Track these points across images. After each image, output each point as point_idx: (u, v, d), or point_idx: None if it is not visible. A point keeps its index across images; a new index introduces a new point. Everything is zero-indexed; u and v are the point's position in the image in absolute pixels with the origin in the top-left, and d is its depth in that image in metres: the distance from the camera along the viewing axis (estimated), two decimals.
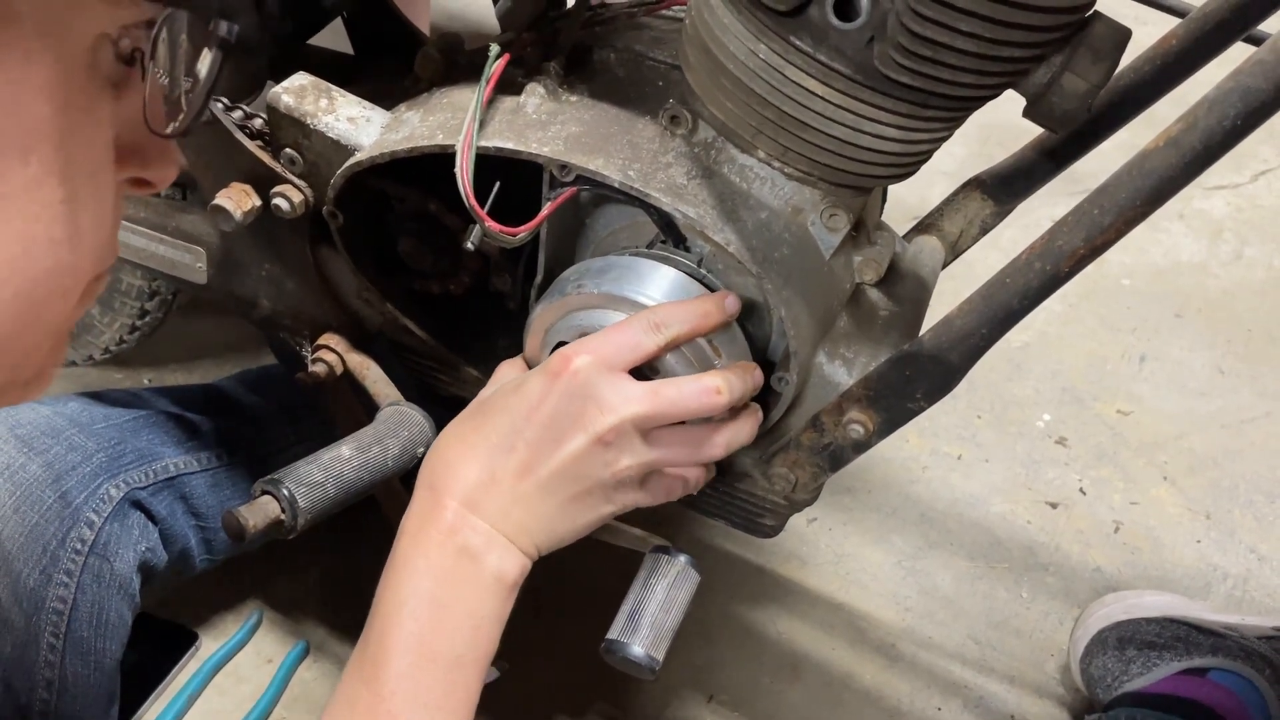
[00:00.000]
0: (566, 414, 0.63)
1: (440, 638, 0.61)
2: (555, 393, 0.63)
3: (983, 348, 0.65)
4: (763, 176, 0.69)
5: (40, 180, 0.37)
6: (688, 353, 0.68)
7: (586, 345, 0.64)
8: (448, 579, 0.62)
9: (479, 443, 0.64)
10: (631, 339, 0.64)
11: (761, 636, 1.11)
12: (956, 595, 1.15)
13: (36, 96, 0.36)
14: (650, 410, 0.64)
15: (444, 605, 0.62)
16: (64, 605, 0.81)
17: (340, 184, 0.75)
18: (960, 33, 0.56)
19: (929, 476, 1.27)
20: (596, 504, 0.66)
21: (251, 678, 1.05)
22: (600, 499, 0.65)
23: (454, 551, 0.62)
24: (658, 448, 0.66)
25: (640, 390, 0.64)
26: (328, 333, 0.85)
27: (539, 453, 0.63)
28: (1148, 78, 0.71)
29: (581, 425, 0.62)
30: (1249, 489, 1.27)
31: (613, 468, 0.64)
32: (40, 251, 0.38)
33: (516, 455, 0.63)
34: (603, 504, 0.66)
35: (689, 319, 0.66)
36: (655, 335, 0.64)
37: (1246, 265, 1.58)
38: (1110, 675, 0.99)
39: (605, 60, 0.75)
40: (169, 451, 0.91)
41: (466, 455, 0.64)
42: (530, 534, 0.64)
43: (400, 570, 0.63)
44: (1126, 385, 1.39)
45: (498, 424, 0.64)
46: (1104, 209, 0.58)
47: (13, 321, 0.38)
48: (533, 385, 0.64)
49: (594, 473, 0.64)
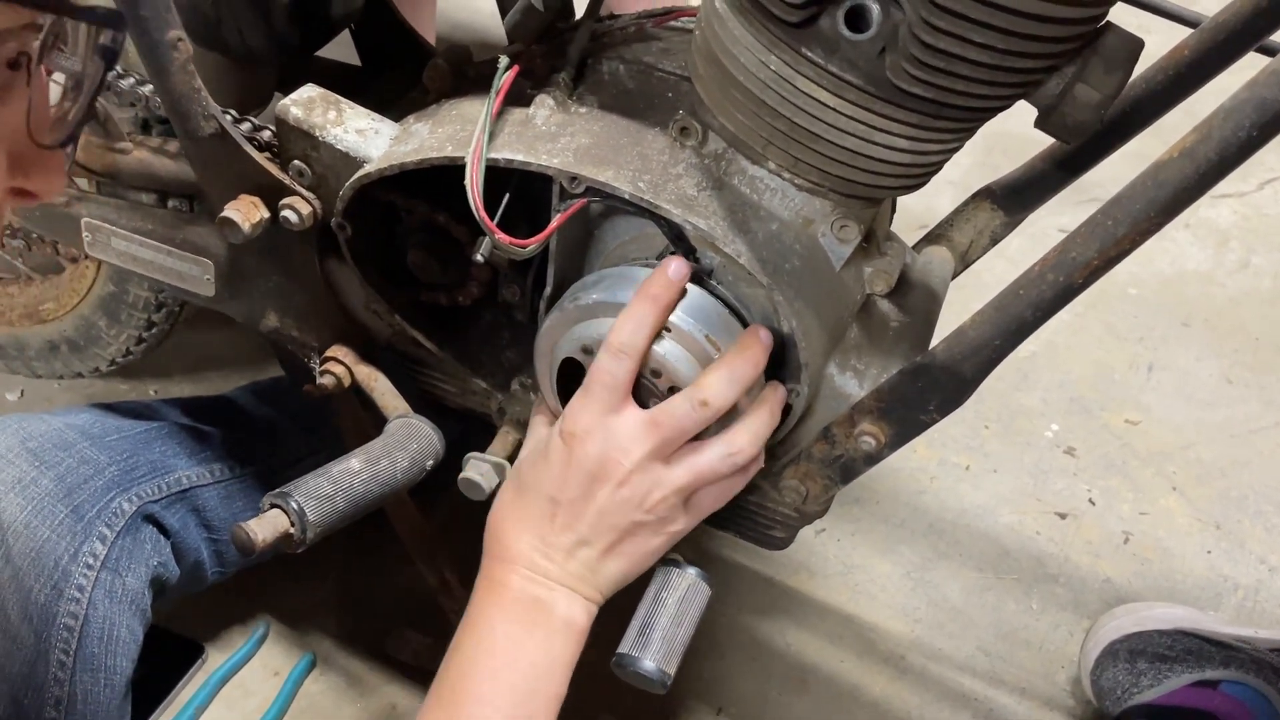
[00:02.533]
0: (588, 473, 0.68)
1: (515, 672, 0.67)
2: (573, 457, 0.68)
3: (995, 360, 0.65)
4: (773, 188, 0.68)
5: None
6: (676, 342, 0.68)
7: (580, 400, 0.69)
8: (522, 622, 0.68)
9: (524, 516, 0.70)
10: (605, 380, 0.67)
11: (770, 648, 1.10)
12: (966, 606, 1.15)
13: None
14: (657, 441, 0.67)
15: (519, 643, 0.67)
16: (75, 621, 0.80)
17: (349, 196, 0.75)
18: (972, 44, 0.56)
19: (937, 487, 1.26)
20: (647, 539, 0.70)
21: (258, 691, 1.05)
22: (649, 534, 0.69)
23: (527, 602, 0.68)
24: (681, 469, 0.68)
25: (640, 425, 0.67)
26: (336, 344, 0.85)
27: (576, 513, 0.68)
28: (1159, 88, 0.71)
29: (603, 478, 0.67)
30: (1258, 499, 1.27)
31: (646, 504, 0.68)
32: None
33: (560, 519, 0.69)
34: (653, 537, 0.70)
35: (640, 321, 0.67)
36: (616, 362, 0.67)
37: (1253, 274, 1.58)
38: (1121, 687, 0.99)
39: (614, 72, 0.75)
40: (181, 464, 0.90)
41: (518, 529, 0.70)
42: (590, 582, 0.70)
43: (477, 621, 0.69)
44: (1134, 395, 1.39)
45: (536, 496, 0.70)
46: (1117, 220, 0.58)
47: None
48: (554, 455, 0.69)
49: (630, 515, 0.68)
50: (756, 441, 0.69)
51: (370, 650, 1.07)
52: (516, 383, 0.81)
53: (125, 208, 0.87)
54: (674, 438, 0.67)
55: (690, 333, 0.68)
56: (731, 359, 0.68)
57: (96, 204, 0.88)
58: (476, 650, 0.67)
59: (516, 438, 0.81)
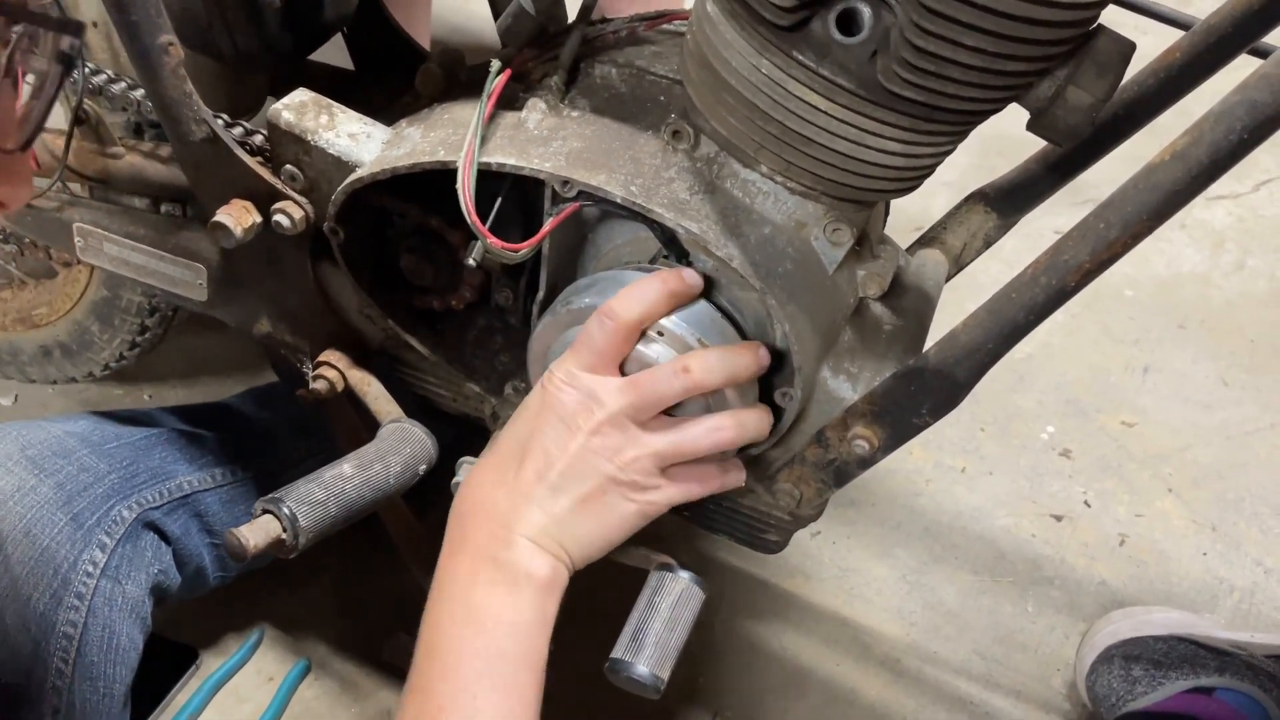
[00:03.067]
0: (559, 418, 0.66)
1: (481, 636, 0.64)
2: (548, 403, 0.66)
3: (988, 363, 0.65)
4: (765, 191, 0.68)
5: None
6: (667, 344, 0.68)
7: (565, 358, 0.67)
8: (481, 585, 0.65)
9: (491, 466, 0.68)
10: (591, 343, 0.66)
11: (766, 652, 1.10)
12: (961, 610, 1.15)
13: None
14: (634, 398, 0.65)
15: (479, 607, 0.64)
16: (74, 630, 0.80)
17: (341, 200, 0.75)
18: (964, 47, 0.56)
19: (933, 489, 1.26)
20: (619, 500, 0.67)
21: (252, 697, 1.04)
22: (620, 495, 0.67)
23: (485, 561, 0.65)
24: (659, 434, 0.67)
25: (621, 381, 0.66)
26: (329, 349, 0.85)
27: (546, 458, 0.66)
28: (1152, 90, 0.71)
29: (574, 424, 0.65)
30: (1254, 501, 1.27)
31: (618, 460, 0.66)
32: None
33: (528, 465, 0.66)
34: (625, 501, 0.67)
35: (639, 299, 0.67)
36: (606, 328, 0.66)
37: (1249, 276, 1.58)
38: (1116, 693, 0.99)
39: (607, 75, 0.74)
40: (182, 469, 0.90)
41: (483, 480, 0.68)
42: (554, 536, 0.66)
43: (439, 590, 0.66)
44: (1130, 397, 1.38)
45: (507, 443, 0.67)
46: (1110, 223, 0.58)
47: None
48: (530, 402, 0.68)
49: (600, 467, 0.66)
50: (741, 428, 0.68)
51: (365, 655, 1.07)
52: (510, 387, 0.81)
53: (117, 212, 0.87)
54: (652, 401, 0.66)
55: (682, 336, 0.68)
56: (726, 349, 0.68)
57: (88, 209, 0.88)
58: (440, 617, 0.65)
59: None
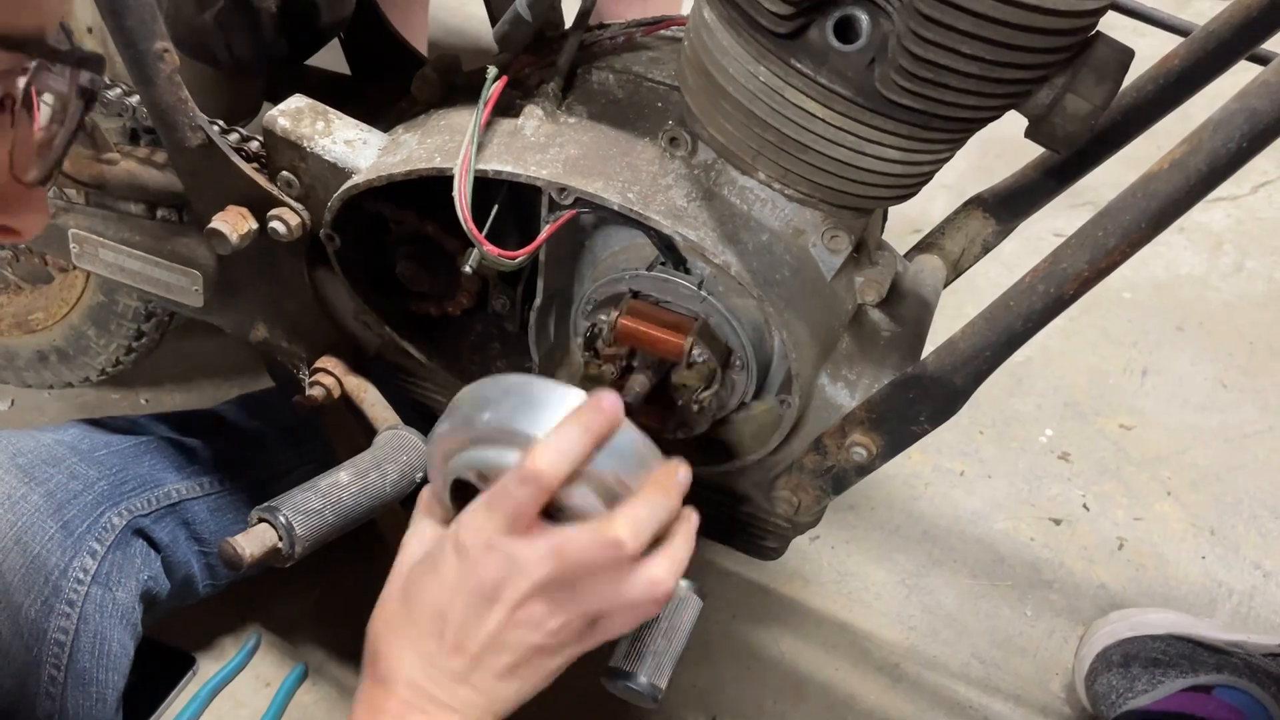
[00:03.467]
0: (480, 591, 0.60)
1: None
2: (467, 574, 0.61)
3: (987, 370, 0.64)
4: (763, 198, 0.68)
5: None
6: (587, 486, 0.61)
7: (482, 515, 0.61)
8: None
9: (410, 631, 0.62)
10: (513, 504, 0.60)
11: (764, 657, 1.10)
12: (960, 614, 1.15)
13: None
14: (556, 572, 0.60)
15: None
16: (65, 636, 0.80)
17: (337, 207, 0.75)
18: (962, 55, 0.56)
19: (931, 493, 1.26)
20: (544, 663, 0.63)
21: (249, 702, 1.04)
22: (547, 657, 0.63)
23: None
24: (586, 598, 0.61)
25: (544, 551, 0.60)
26: (325, 355, 0.85)
27: (466, 633, 0.61)
28: (1151, 97, 0.71)
29: (497, 598, 0.60)
30: (1253, 504, 1.27)
31: (543, 629, 0.61)
32: None
33: (448, 638, 0.61)
34: (551, 660, 0.63)
35: (566, 454, 0.60)
36: (530, 489, 0.59)
37: (1247, 278, 1.58)
38: (1115, 693, 0.98)
39: (604, 81, 0.74)
40: (170, 477, 0.90)
41: (403, 645, 0.62)
42: (480, 708, 0.62)
43: None
44: (1129, 400, 1.38)
45: (423, 610, 0.62)
46: (1108, 231, 0.58)
47: None
48: (447, 569, 0.62)
49: (525, 639, 0.61)
50: (676, 572, 0.62)
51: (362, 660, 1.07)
52: None
53: (113, 218, 0.87)
54: (576, 572, 0.60)
55: (602, 475, 0.60)
56: (651, 497, 0.61)
57: (84, 215, 0.88)
58: None
59: None
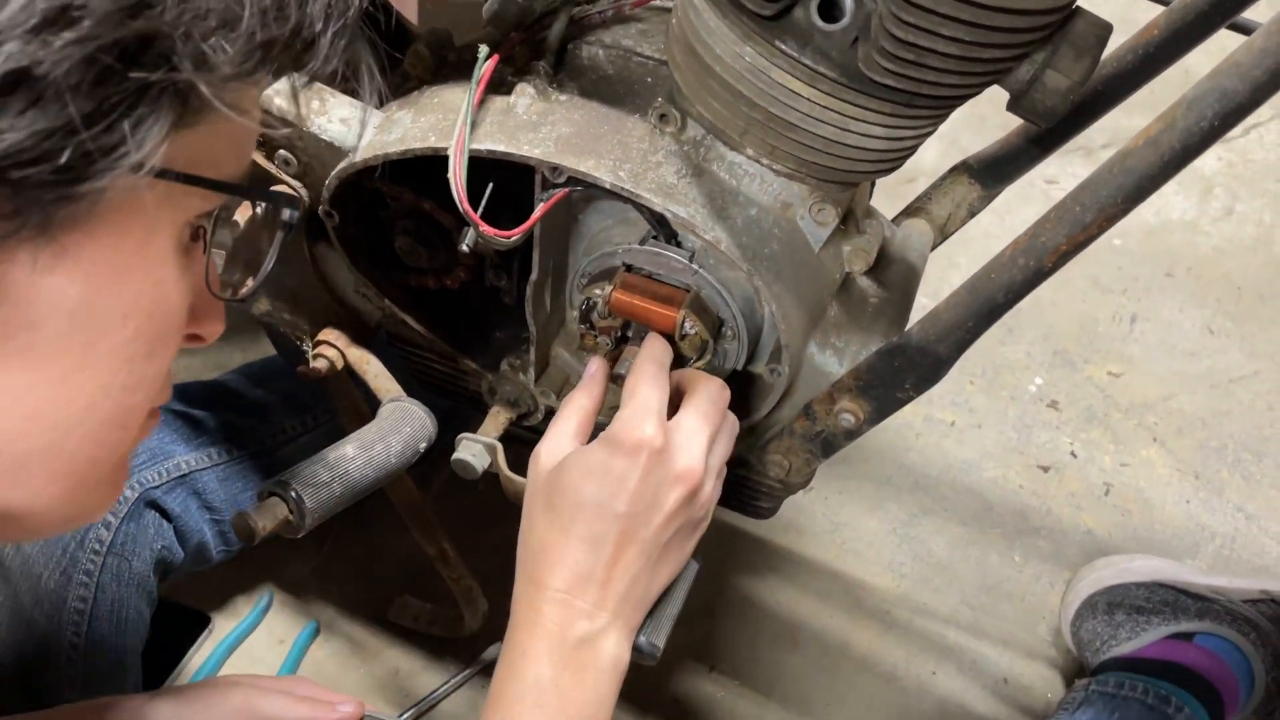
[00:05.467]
0: (669, 481, 0.65)
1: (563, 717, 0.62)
2: (639, 466, 0.64)
3: (969, 340, 0.67)
4: (751, 173, 0.70)
5: (131, 340, 0.42)
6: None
7: (642, 413, 0.66)
8: (568, 667, 0.63)
9: (570, 527, 0.64)
10: (653, 389, 0.67)
11: (761, 606, 1.13)
12: (950, 561, 1.18)
13: (142, 274, 0.41)
14: (713, 428, 0.67)
15: (567, 693, 0.63)
16: (84, 605, 0.83)
17: (335, 185, 0.76)
18: (942, 36, 0.57)
19: (922, 444, 1.29)
20: (685, 540, 0.67)
21: (265, 658, 1.08)
22: (692, 533, 0.68)
23: (573, 642, 0.63)
24: (721, 446, 0.68)
25: (696, 417, 0.67)
26: (327, 328, 0.87)
27: (636, 520, 0.64)
28: (1131, 66, 0.72)
29: (682, 482, 0.65)
30: (1237, 448, 1.30)
31: (703, 499, 0.66)
32: (114, 397, 0.43)
33: (630, 535, 0.64)
34: (690, 538, 0.68)
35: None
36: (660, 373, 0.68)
37: (1237, 221, 1.59)
38: (1099, 639, 1.02)
39: (594, 57, 0.75)
40: (179, 449, 0.92)
41: (561, 542, 0.64)
42: (641, 608, 0.66)
43: (519, 661, 0.63)
44: (1117, 347, 1.41)
45: (585, 506, 0.64)
46: (1085, 206, 0.60)
47: (85, 459, 0.43)
48: (615, 465, 0.64)
49: (692, 515, 0.66)
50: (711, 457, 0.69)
51: (372, 616, 1.10)
52: (506, 363, 0.83)
53: None
54: (719, 421, 0.68)
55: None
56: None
57: None
58: (522, 697, 0.62)
59: (507, 417, 0.83)
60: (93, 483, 0.45)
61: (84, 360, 0.41)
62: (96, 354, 0.41)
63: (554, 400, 0.83)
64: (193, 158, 0.40)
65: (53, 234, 0.37)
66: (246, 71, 0.39)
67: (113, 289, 0.40)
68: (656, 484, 0.64)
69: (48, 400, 0.41)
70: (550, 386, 0.83)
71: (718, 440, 0.68)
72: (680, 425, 0.66)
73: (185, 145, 0.39)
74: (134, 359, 0.42)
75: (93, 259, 0.39)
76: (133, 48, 0.35)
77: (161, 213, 0.41)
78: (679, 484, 0.65)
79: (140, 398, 0.44)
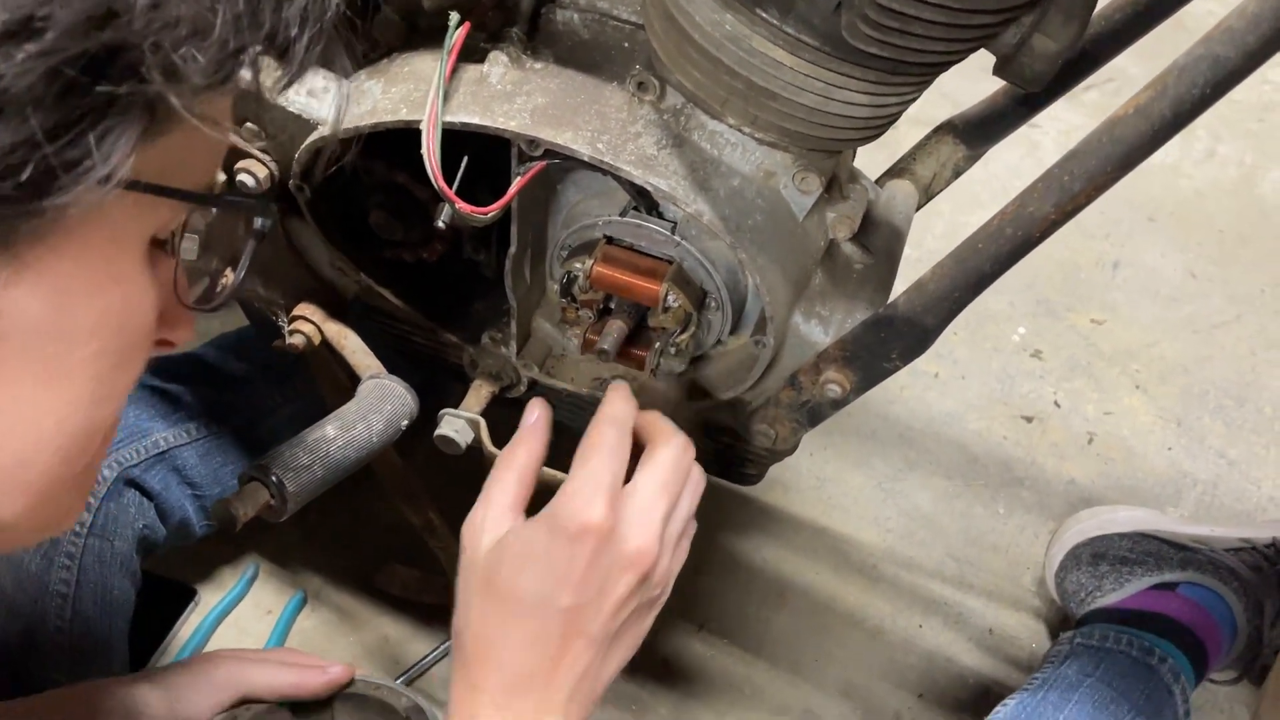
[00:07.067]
0: (620, 566, 0.59)
1: None
2: (584, 553, 0.58)
3: (955, 310, 0.66)
4: (733, 142, 0.68)
5: (100, 354, 0.41)
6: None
7: (592, 488, 0.60)
8: None
9: (508, 621, 0.59)
10: (605, 461, 0.61)
11: (748, 564, 1.14)
12: (935, 514, 1.18)
13: (109, 287, 0.40)
14: (671, 498, 0.61)
15: None
16: (68, 589, 0.82)
17: (305, 158, 0.74)
18: (927, 2, 0.55)
19: (907, 396, 1.28)
20: (639, 621, 0.62)
21: (252, 629, 1.08)
22: (644, 614, 0.62)
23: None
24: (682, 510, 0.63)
25: (652, 489, 0.61)
26: (303, 302, 0.85)
27: (582, 613, 0.58)
28: (1118, 25, 0.70)
29: (634, 567, 0.59)
30: (1218, 394, 1.30)
31: (662, 579, 0.61)
32: (84, 411, 0.42)
33: (576, 625, 0.58)
34: (646, 618, 0.62)
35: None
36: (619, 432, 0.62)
37: (1219, 164, 1.58)
38: (1084, 590, 1.03)
39: (569, 21, 0.73)
40: (157, 426, 0.91)
41: (499, 639, 0.59)
42: (584, 699, 0.60)
43: None
44: (1100, 294, 1.40)
45: (524, 600, 0.59)
46: (1074, 175, 0.59)
47: (54, 472, 0.42)
48: (557, 552, 0.58)
49: (647, 594, 0.61)
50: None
51: (359, 585, 1.10)
52: (486, 336, 0.82)
53: None
54: (680, 491, 0.62)
55: None
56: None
57: None
58: None
59: (489, 391, 0.82)
60: (62, 494, 0.44)
61: (52, 375, 0.40)
62: (64, 369, 0.40)
63: (536, 373, 0.82)
64: (162, 167, 0.39)
65: (15, 250, 0.36)
66: (218, 81, 0.37)
67: (79, 304, 0.39)
68: (605, 570, 0.58)
69: (16, 416, 0.40)
70: (532, 359, 0.82)
71: (678, 505, 0.62)
72: (634, 498, 0.60)
73: (154, 155, 0.38)
74: (103, 373, 0.41)
75: (57, 274, 0.38)
76: (99, 59, 0.34)
77: (129, 224, 0.40)
78: (630, 569, 0.58)
79: (111, 410, 0.43)
